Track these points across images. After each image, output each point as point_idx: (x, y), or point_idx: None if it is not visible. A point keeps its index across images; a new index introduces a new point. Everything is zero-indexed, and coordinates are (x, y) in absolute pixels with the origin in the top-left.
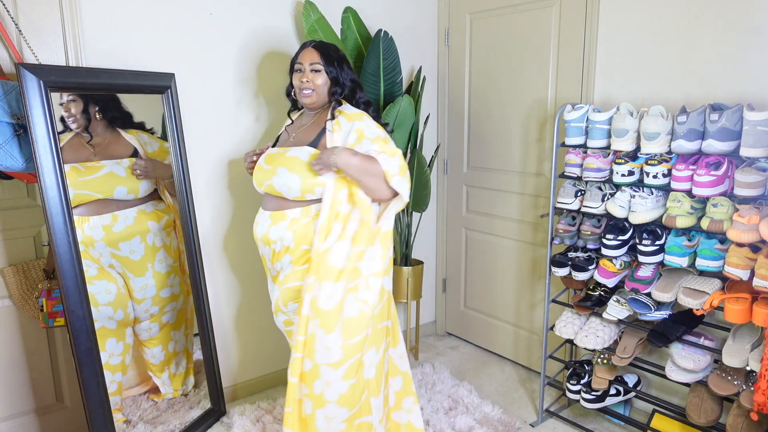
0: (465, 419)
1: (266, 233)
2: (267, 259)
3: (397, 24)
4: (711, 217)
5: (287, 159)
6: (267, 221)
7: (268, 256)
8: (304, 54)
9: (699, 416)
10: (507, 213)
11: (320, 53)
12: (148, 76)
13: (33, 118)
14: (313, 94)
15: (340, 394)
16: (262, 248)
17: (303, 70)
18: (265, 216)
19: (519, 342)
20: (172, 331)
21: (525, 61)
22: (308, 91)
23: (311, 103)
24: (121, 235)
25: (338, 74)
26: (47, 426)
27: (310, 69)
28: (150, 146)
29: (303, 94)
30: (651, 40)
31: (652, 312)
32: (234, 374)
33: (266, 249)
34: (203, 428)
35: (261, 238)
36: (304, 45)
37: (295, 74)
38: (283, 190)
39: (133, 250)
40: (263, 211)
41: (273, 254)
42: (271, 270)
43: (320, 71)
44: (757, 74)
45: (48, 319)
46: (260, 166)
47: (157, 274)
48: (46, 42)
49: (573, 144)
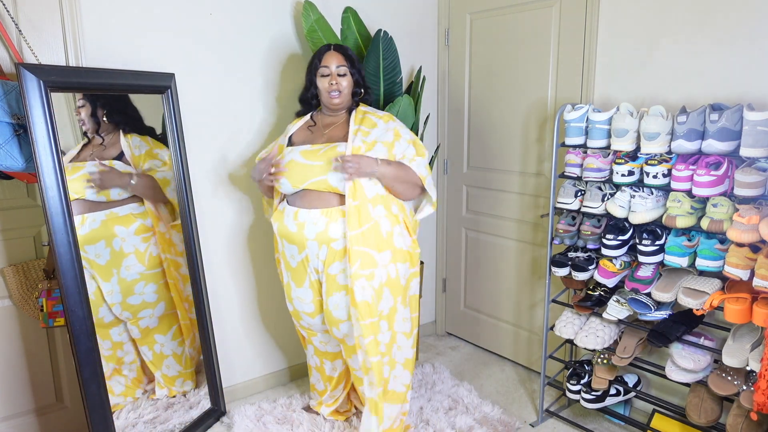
0: (465, 419)
1: (324, 231)
2: (318, 259)
3: (397, 24)
4: (711, 217)
5: (341, 154)
6: (322, 219)
7: (323, 255)
8: (328, 57)
9: (699, 416)
10: (507, 213)
11: (344, 56)
12: (148, 76)
13: (33, 118)
14: (341, 96)
15: (407, 359)
16: (313, 249)
17: (330, 74)
18: (315, 214)
19: (519, 342)
20: (156, 334)
21: (525, 61)
22: (336, 93)
23: (338, 104)
24: (86, 238)
25: (360, 76)
26: (47, 426)
27: (336, 72)
28: (138, 149)
29: (331, 96)
30: (651, 40)
31: (652, 312)
32: (234, 374)
33: (320, 249)
34: (203, 428)
35: (316, 238)
36: (324, 48)
37: (321, 78)
38: (339, 184)
39: (98, 254)
40: (310, 210)
41: (331, 253)
42: (314, 272)
43: (346, 74)
44: (757, 74)
45: (48, 319)
46: (301, 163)
47: (122, 280)
48: (46, 42)
49: (573, 144)
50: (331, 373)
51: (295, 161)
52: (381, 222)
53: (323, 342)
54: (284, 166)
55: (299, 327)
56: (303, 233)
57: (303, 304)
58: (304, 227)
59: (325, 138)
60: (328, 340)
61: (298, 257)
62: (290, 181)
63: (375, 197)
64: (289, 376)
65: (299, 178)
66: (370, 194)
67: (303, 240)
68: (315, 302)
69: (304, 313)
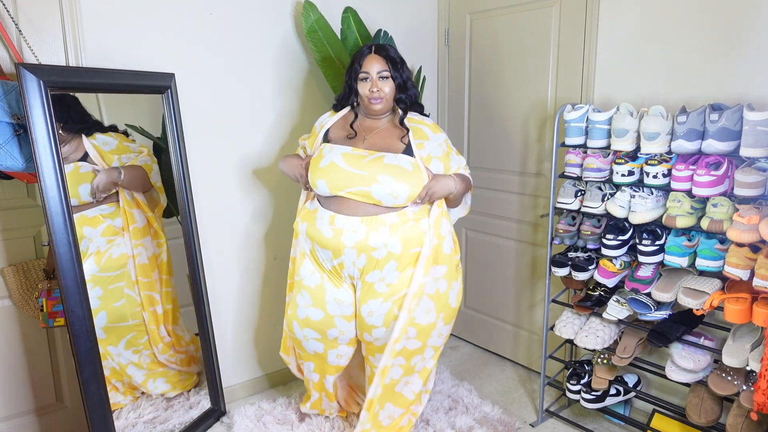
0: (465, 419)
1: (364, 240)
2: (354, 267)
3: (397, 24)
4: (711, 217)
5: (388, 167)
6: (362, 227)
7: (361, 263)
8: (369, 61)
9: (699, 416)
10: (507, 213)
11: (385, 59)
12: (148, 76)
13: (33, 118)
14: (383, 101)
15: (425, 368)
16: (351, 256)
17: (370, 79)
18: (355, 222)
19: (519, 342)
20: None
21: (525, 61)
22: (378, 99)
23: (380, 110)
24: None
25: (403, 80)
26: (47, 426)
27: (377, 77)
28: (108, 145)
29: (372, 102)
30: (651, 40)
31: (652, 312)
32: (234, 374)
33: (358, 257)
34: (203, 428)
35: (355, 245)
36: (364, 51)
37: (362, 83)
38: (384, 197)
39: None
40: (348, 217)
41: (370, 262)
42: (348, 278)
43: (387, 78)
44: (757, 74)
45: (48, 319)
46: (343, 168)
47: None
48: (46, 42)
49: (573, 144)
50: (329, 387)
51: (336, 165)
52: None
53: (340, 354)
54: (323, 168)
55: (316, 339)
56: (340, 240)
57: (342, 306)
58: (341, 234)
59: (367, 143)
60: (346, 351)
61: (332, 262)
62: (329, 184)
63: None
64: (290, 376)
65: (339, 184)
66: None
67: (340, 247)
68: (354, 305)
69: (342, 317)
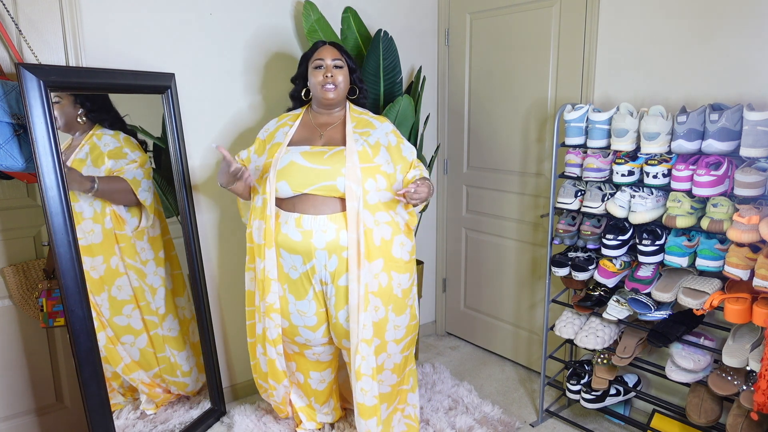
0: (465, 419)
1: (335, 240)
2: (326, 270)
3: (397, 24)
4: (711, 217)
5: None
6: (331, 226)
7: (332, 266)
8: (324, 51)
9: (699, 416)
10: (507, 213)
11: (340, 51)
12: (148, 76)
13: (33, 118)
14: (336, 90)
15: (396, 364)
16: (322, 259)
17: (325, 66)
18: (323, 221)
19: (519, 342)
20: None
21: (525, 61)
22: (331, 86)
23: (333, 99)
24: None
25: (357, 71)
26: (47, 426)
27: (332, 65)
28: (107, 147)
29: (326, 89)
30: (651, 40)
31: (652, 312)
32: (234, 374)
33: (329, 260)
34: (203, 428)
35: (326, 247)
36: (319, 43)
37: (315, 71)
38: (347, 190)
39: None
40: (316, 216)
41: (341, 263)
42: (319, 283)
43: (342, 67)
44: (757, 74)
45: (48, 319)
46: (304, 166)
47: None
48: (46, 42)
49: (573, 144)
50: (317, 386)
51: (296, 163)
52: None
53: (317, 353)
54: (282, 169)
55: (288, 343)
56: (311, 242)
57: (305, 318)
58: (311, 236)
59: (324, 140)
60: (322, 350)
61: (302, 268)
62: (291, 184)
63: (377, 203)
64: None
65: (302, 182)
66: (372, 200)
67: (310, 249)
68: (319, 314)
69: (306, 327)
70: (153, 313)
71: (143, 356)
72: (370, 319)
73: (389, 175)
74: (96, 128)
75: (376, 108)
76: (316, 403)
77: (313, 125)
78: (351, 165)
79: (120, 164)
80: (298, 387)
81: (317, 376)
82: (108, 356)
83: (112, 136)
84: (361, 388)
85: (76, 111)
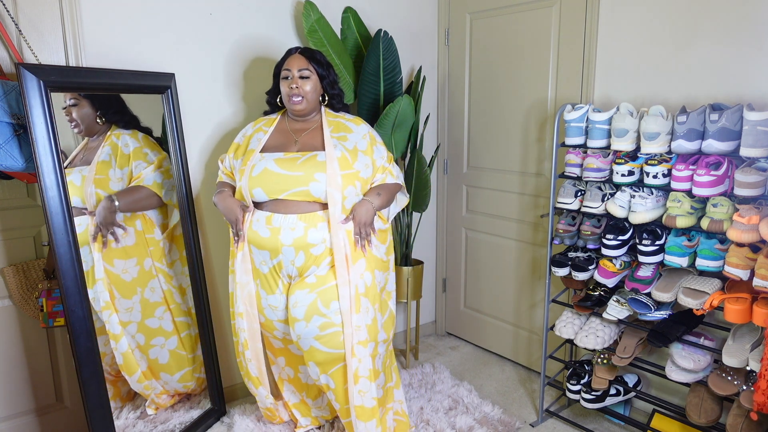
0: (465, 419)
1: (302, 237)
2: (293, 265)
3: (397, 24)
4: (711, 217)
5: (323, 164)
6: (300, 224)
7: (299, 262)
8: (291, 61)
9: (699, 416)
10: (507, 213)
11: (308, 58)
12: (148, 76)
13: (33, 118)
14: (303, 101)
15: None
16: (289, 255)
17: (291, 77)
18: (293, 219)
19: (519, 342)
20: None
21: (525, 61)
22: (298, 98)
23: (301, 110)
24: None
25: (329, 81)
26: (47, 426)
27: (298, 75)
28: (128, 147)
29: (292, 101)
30: (651, 40)
31: (652, 312)
32: (234, 374)
33: (296, 256)
34: (203, 428)
35: (293, 243)
36: (289, 51)
37: (283, 81)
38: (323, 194)
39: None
40: (284, 215)
41: (309, 259)
42: (287, 277)
43: (309, 77)
44: (757, 74)
45: (48, 319)
46: (277, 173)
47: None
48: (46, 42)
49: (573, 144)
50: (307, 380)
51: (269, 170)
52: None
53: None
54: (257, 176)
55: (272, 338)
56: (278, 239)
57: (276, 312)
58: (279, 232)
59: (298, 146)
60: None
61: (270, 263)
62: (265, 190)
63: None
64: None
65: (276, 188)
66: (350, 206)
67: (277, 246)
68: (287, 309)
69: (278, 321)
70: (184, 313)
71: (172, 358)
72: (364, 321)
73: (365, 180)
74: (113, 128)
75: (376, 108)
76: (308, 397)
77: (288, 131)
78: (332, 172)
79: (139, 169)
80: (289, 383)
81: (306, 370)
82: (124, 364)
83: (130, 136)
84: (359, 391)
85: (94, 113)
